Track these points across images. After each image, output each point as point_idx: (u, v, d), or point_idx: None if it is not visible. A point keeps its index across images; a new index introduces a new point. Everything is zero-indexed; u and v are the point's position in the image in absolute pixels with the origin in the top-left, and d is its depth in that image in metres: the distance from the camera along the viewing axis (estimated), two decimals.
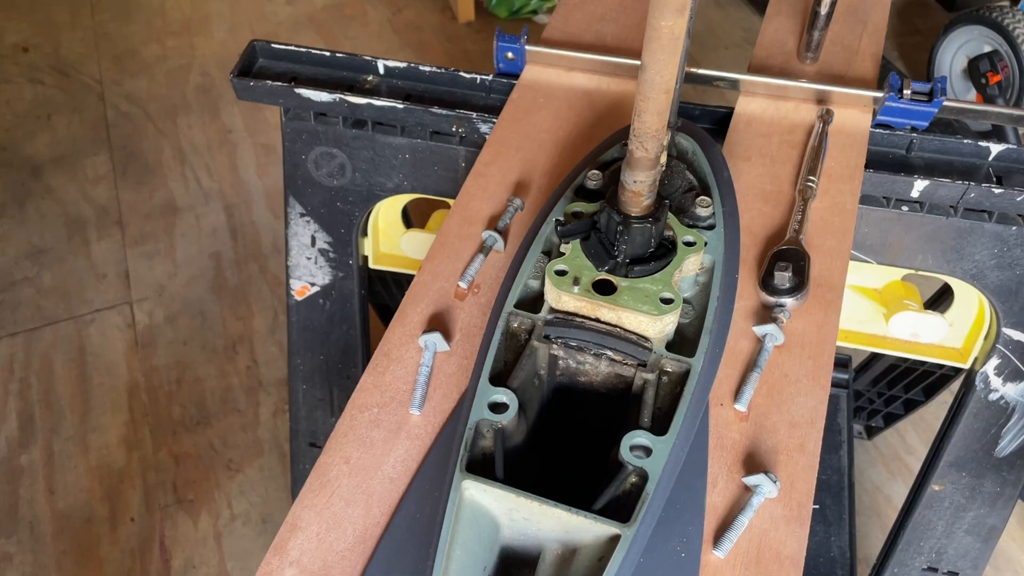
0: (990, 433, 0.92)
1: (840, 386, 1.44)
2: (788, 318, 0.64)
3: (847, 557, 1.29)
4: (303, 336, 1.06)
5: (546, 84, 0.86)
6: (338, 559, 0.53)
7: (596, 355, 0.57)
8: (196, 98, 2.32)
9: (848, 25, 0.94)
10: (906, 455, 1.60)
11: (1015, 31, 1.97)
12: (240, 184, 2.09)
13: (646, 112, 0.49)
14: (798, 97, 0.84)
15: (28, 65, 2.43)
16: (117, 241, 1.98)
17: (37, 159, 2.16)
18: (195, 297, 1.86)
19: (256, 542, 1.50)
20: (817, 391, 0.61)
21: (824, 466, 1.37)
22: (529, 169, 0.77)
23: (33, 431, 1.65)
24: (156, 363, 1.75)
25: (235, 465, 1.60)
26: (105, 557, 1.49)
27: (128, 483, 1.57)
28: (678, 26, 0.44)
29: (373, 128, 0.89)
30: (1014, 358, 0.87)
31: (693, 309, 0.61)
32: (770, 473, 0.55)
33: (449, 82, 0.89)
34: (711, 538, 0.54)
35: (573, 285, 0.56)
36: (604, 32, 0.93)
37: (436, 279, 0.68)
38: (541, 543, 0.51)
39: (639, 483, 0.50)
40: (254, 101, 0.89)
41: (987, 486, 0.95)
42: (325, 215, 0.96)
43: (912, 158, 0.83)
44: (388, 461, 0.58)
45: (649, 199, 0.54)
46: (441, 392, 0.61)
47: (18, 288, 1.88)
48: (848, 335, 0.95)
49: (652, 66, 0.47)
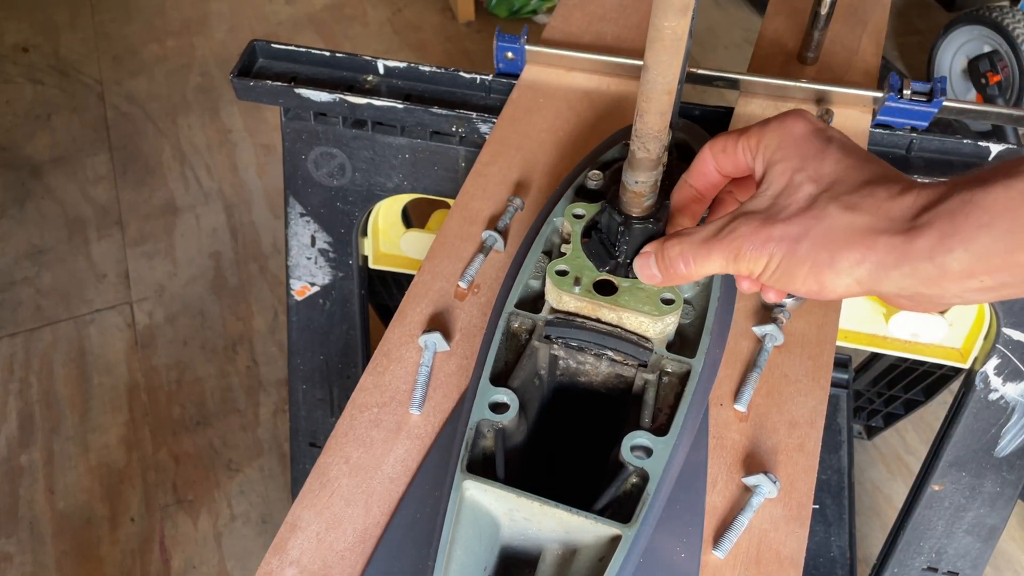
0: (990, 433, 0.92)
1: (840, 386, 1.44)
2: (788, 318, 0.64)
3: (847, 557, 1.29)
4: (303, 336, 1.06)
5: (546, 84, 0.86)
6: (338, 559, 0.53)
7: (597, 355, 0.57)
8: (196, 98, 2.32)
9: (848, 25, 0.94)
10: (906, 455, 1.60)
11: (1015, 31, 1.97)
12: (240, 184, 2.09)
13: (648, 113, 0.49)
14: (798, 97, 0.84)
15: (28, 65, 2.42)
16: (117, 241, 1.98)
17: (37, 159, 2.16)
18: (195, 297, 1.86)
19: (256, 542, 1.50)
20: (817, 391, 0.61)
21: (824, 466, 1.37)
22: (529, 169, 0.77)
23: (33, 431, 1.65)
24: (156, 363, 1.75)
25: (235, 465, 1.60)
26: (105, 557, 1.49)
27: (128, 483, 1.57)
28: (681, 27, 0.44)
29: (373, 128, 0.89)
30: (1014, 358, 0.87)
31: (693, 309, 0.61)
32: (770, 473, 0.55)
33: (449, 82, 0.89)
34: (711, 538, 0.54)
35: (574, 285, 0.56)
36: (604, 32, 0.93)
37: (436, 279, 0.68)
38: (541, 543, 0.51)
39: (640, 483, 0.50)
40: (254, 101, 0.89)
41: (987, 486, 0.95)
42: (325, 215, 0.96)
43: (912, 158, 0.83)
44: (388, 461, 0.58)
45: (650, 199, 0.54)
46: (441, 392, 0.61)
47: (18, 288, 1.88)
48: (848, 335, 0.95)
49: (655, 67, 0.47)
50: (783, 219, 0.47)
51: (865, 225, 0.44)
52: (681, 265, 0.51)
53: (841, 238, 0.45)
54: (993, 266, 0.41)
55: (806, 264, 0.46)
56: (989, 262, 0.41)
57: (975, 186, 0.42)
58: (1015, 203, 0.40)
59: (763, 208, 0.48)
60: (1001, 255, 0.41)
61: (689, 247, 0.50)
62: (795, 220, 0.47)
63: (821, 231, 0.45)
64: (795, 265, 0.46)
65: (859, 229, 0.44)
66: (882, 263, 0.44)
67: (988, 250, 0.41)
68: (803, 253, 0.46)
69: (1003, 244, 0.40)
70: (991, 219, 0.41)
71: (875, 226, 0.44)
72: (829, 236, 0.45)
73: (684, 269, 0.51)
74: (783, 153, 0.49)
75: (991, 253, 0.41)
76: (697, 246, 0.50)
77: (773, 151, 0.50)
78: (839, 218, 0.45)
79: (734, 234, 0.48)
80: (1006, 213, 0.40)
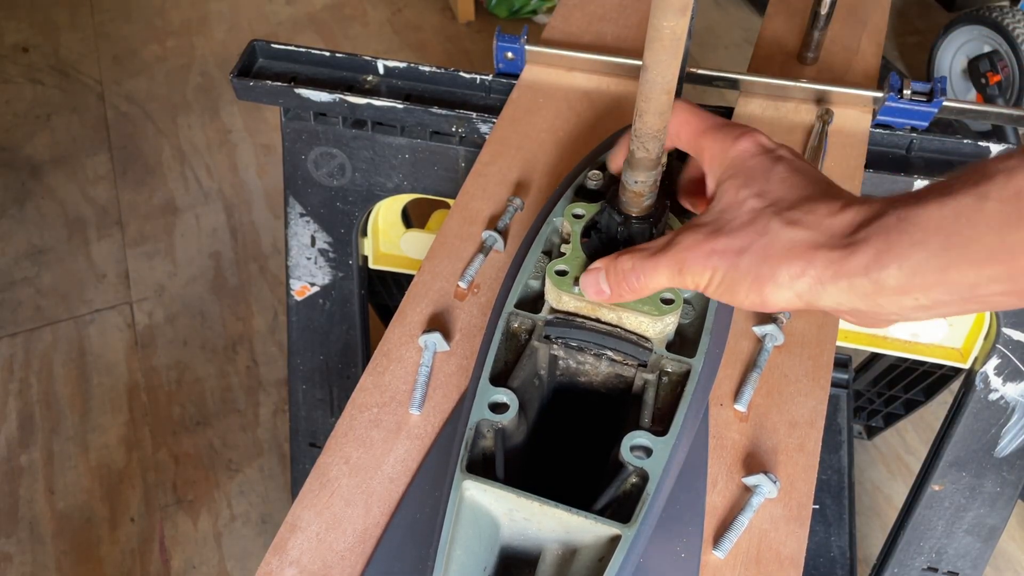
0: (990, 433, 0.92)
1: (840, 386, 1.44)
2: (788, 318, 0.64)
3: (847, 557, 1.29)
4: (303, 336, 1.06)
5: (546, 84, 0.86)
6: (338, 559, 0.53)
7: (596, 355, 0.57)
8: (196, 98, 2.32)
9: (848, 25, 0.94)
10: (906, 455, 1.60)
11: (1015, 31, 1.97)
12: (240, 184, 2.09)
13: (647, 112, 0.49)
14: (798, 97, 0.84)
15: (28, 65, 2.43)
16: (117, 241, 1.98)
17: (37, 159, 2.16)
18: (195, 297, 1.86)
19: (256, 542, 1.50)
20: (817, 391, 0.61)
21: (824, 466, 1.37)
22: (529, 169, 0.77)
23: (33, 431, 1.65)
24: (156, 363, 1.75)
25: (235, 465, 1.60)
26: (105, 557, 1.49)
27: (128, 483, 1.57)
28: (680, 27, 0.44)
29: (373, 128, 0.89)
30: (1014, 358, 0.87)
31: (693, 309, 0.61)
32: (770, 473, 0.55)
33: (449, 82, 0.89)
34: (711, 538, 0.54)
35: (574, 285, 0.56)
36: (604, 32, 0.93)
37: (436, 279, 0.68)
38: (541, 543, 0.51)
39: (639, 483, 0.50)
40: (254, 101, 0.89)
41: (987, 486, 0.95)
42: (325, 215, 0.96)
43: (912, 158, 0.83)
44: (388, 461, 0.58)
45: (650, 199, 0.54)
46: (441, 392, 0.61)
47: (18, 288, 1.88)
48: (848, 335, 0.95)
49: (654, 67, 0.47)
50: (726, 233, 0.48)
51: (805, 240, 0.45)
52: (633, 279, 0.51)
53: (782, 252, 0.45)
54: (927, 283, 0.41)
55: (748, 277, 0.46)
56: (924, 279, 0.41)
57: (911, 204, 0.42)
58: (947, 221, 0.40)
59: (709, 222, 0.49)
60: (935, 273, 0.41)
61: (639, 260, 0.51)
62: (738, 234, 0.47)
63: (762, 245, 0.46)
64: (737, 279, 0.47)
65: (799, 243, 0.45)
66: (820, 277, 0.44)
67: (922, 267, 0.41)
68: (745, 266, 0.46)
69: (936, 262, 0.40)
70: (924, 236, 0.41)
71: (815, 241, 0.45)
72: (770, 250, 0.46)
73: (636, 282, 0.51)
74: (732, 171, 0.50)
75: (925, 270, 0.41)
76: (645, 259, 0.50)
77: (724, 169, 0.51)
78: (781, 233, 0.46)
79: (679, 247, 0.49)
80: (939, 231, 0.40)
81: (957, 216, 0.40)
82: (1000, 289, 0.40)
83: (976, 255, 0.39)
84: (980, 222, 0.39)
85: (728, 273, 0.47)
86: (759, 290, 0.46)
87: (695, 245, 0.48)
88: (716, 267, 0.47)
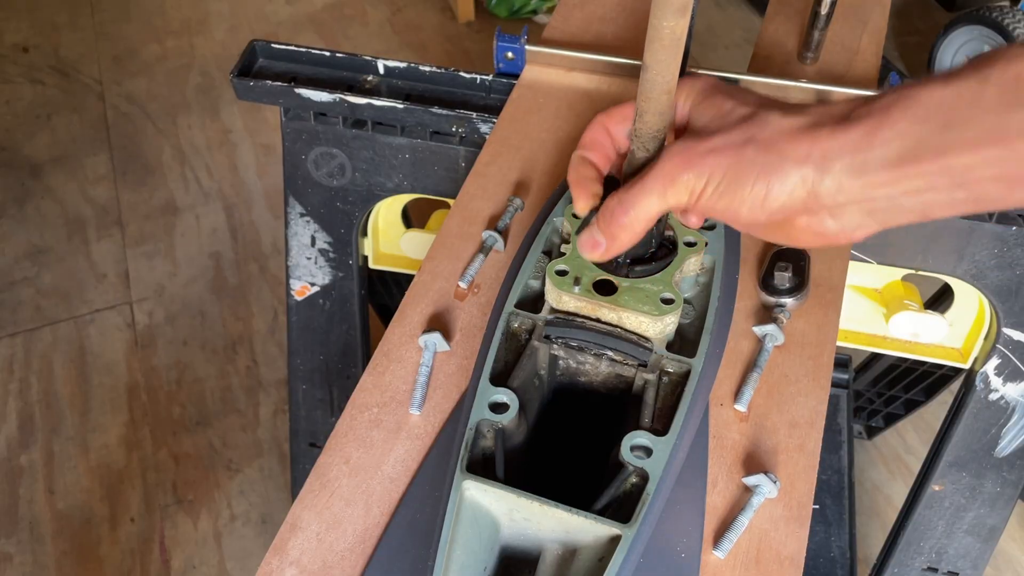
0: (990, 433, 0.92)
1: (840, 386, 1.44)
2: (788, 318, 0.64)
3: (847, 557, 1.29)
4: (303, 336, 1.06)
5: (546, 84, 0.86)
6: (338, 559, 0.53)
7: (597, 355, 0.57)
8: (196, 98, 2.32)
9: (848, 25, 0.94)
10: (906, 455, 1.60)
11: (1015, 31, 1.97)
12: (240, 184, 2.09)
13: (648, 113, 0.49)
14: (798, 97, 0.84)
15: (28, 65, 2.43)
16: (117, 241, 1.98)
17: (37, 159, 2.16)
18: (195, 297, 1.86)
19: (256, 542, 1.50)
20: (817, 391, 0.61)
21: (824, 466, 1.37)
22: (529, 169, 0.77)
23: (33, 431, 1.65)
24: (156, 363, 1.75)
25: (235, 465, 1.60)
26: (105, 557, 1.49)
27: (128, 483, 1.57)
28: (680, 27, 0.44)
29: (373, 128, 0.89)
30: (1014, 358, 0.87)
31: (694, 309, 0.61)
32: (770, 473, 0.55)
33: (449, 82, 0.89)
34: (711, 538, 0.54)
35: (574, 285, 0.56)
36: (604, 32, 0.93)
37: (436, 279, 0.68)
38: (541, 543, 0.51)
39: (640, 483, 0.50)
40: (254, 101, 0.89)
41: (987, 486, 0.95)
42: (325, 215, 0.96)
43: None
44: (388, 461, 0.58)
45: None
46: (441, 392, 0.61)
47: (18, 288, 1.88)
48: (848, 335, 0.95)
49: (654, 67, 0.47)
50: (722, 132, 0.47)
51: (807, 123, 0.45)
52: (620, 214, 0.49)
53: (787, 136, 0.45)
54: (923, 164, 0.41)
55: (755, 168, 0.45)
56: (921, 157, 0.41)
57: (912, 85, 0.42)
58: (948, 101, 0.40)
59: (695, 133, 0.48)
60: (932, 152, 0.40)
61: (624, 194, 0.49)
62: (735, 130, 0.47)
63: (767, 134, 0.45)
64: (743, 171, 0.46)
65: (802, 126, 0.45)
66: (825, 155, 0.44)
67: (921, 145, 0.41)
68: (750, 155, 0.45)
69: (935, 141, 0.40)
70: (926, 114, 0.40)
71: (816, 121, 0.45)
72: (775, 137, 0.45)
73: (624, 216, 0.49)
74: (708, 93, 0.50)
75: (924, 148, 0.41)
76: (628, 188, 0.49)
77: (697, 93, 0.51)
78: (782, 121, 0.46)
79: (665, 162, 0.48)
80: (940, 109, 0.40)
81: (958, 97, 0.40)
82: (993, 173, 0.40)
83: (975, 136, 0.39)
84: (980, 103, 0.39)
85: (731, 167, 0.46)
86: (766, 179, 0.45)
87: (685, 151, 0.47)
88: (716, 164, 0.46)
